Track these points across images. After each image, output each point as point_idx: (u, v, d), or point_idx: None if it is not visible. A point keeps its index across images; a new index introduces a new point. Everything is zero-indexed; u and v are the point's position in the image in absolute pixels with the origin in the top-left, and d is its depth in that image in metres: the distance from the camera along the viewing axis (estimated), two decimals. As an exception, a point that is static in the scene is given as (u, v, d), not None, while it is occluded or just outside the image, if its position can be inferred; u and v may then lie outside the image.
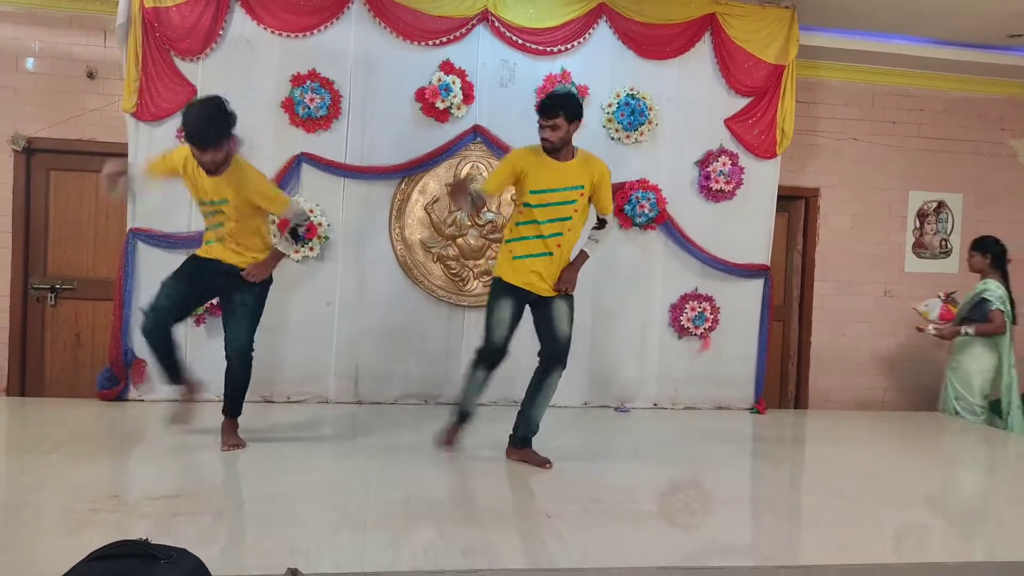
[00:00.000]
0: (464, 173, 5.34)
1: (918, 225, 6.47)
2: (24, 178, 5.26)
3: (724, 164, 5.56)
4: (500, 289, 3.97)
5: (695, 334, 5.64)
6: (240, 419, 4.13)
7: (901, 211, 6.43)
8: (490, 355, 3.99)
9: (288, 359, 5.14)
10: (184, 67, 4.95)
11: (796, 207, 6.37)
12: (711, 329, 5.66)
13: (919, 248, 6.47)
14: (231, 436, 4.05)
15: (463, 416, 4.12)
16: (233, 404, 4.10)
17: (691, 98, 5.54)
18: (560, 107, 3.81)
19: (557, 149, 3.87)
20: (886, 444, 5.00)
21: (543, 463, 3.92)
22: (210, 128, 3.62)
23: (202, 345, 5.04)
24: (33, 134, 5.21)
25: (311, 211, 5.08)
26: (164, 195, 4.97)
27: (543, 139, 3.85)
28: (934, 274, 6.47)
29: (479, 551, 2.72)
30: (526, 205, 3.88)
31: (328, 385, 5.23)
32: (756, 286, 5.72)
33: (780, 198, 5.80)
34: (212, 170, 3.76)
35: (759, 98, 5.59)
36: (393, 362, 5.31)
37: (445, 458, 4.00)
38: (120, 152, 5.01)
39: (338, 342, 5.23)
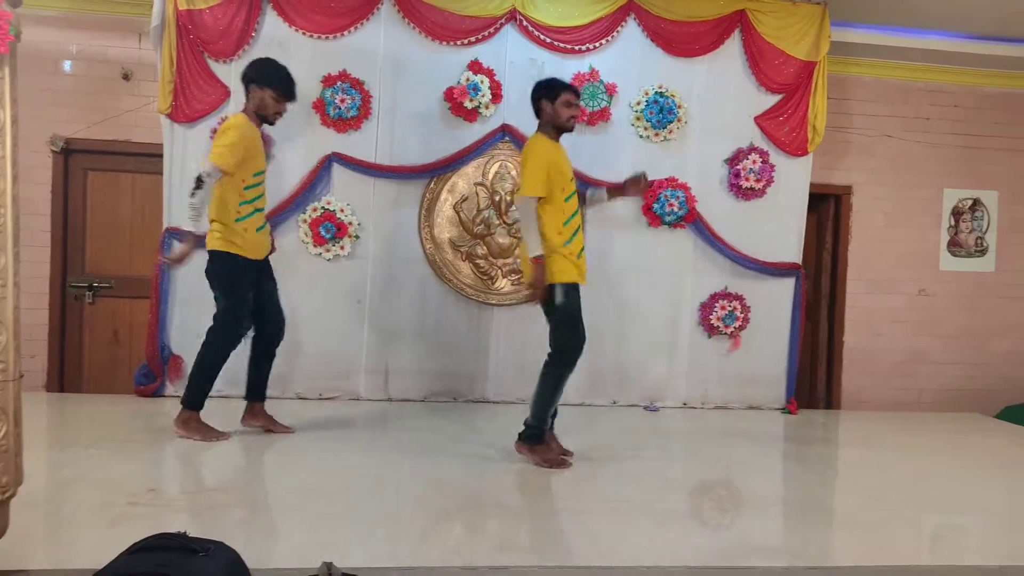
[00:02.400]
0: (493, 172, 5.36)
1: (953, 223, 6.37)
2: (62, 178, 5.37)
3: (754, 162, 5.52)
4: (576, 293, 3.86)
5: (725, 333, 5.61)
6: (277, 416, 4.31)
7: (935, 209, 6.34)
8: (580, 354, 3.88)
9: (320, 356, 5.20)
10: (217, 68, 5.02)
11: (827, 205, 6.30)
12: (741, 328, 5.63)
13: (954, 246, 6.37)
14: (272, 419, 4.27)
15: (550, 425, 3.98)
16: (265, 387, 4.29)
17: (720, 95, 5.51)
18: None
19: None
20: (921, 445, 4.93)
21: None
22: None
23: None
24: (71, 135, 5.32)
25: (342, 210, 5.15)
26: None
27: (573, 119, 3.90)
28: (970, 272, 6.37)
29: (510, 547, 2.74)
30: (568, 199, 3.83)
31: (359, 382, 5.28)
32: (787, 285, 5.67)
33: (811, 196, 5.74)
34: (273, 123, 4.18)
35: (790, 95, 5.54)
36: (422, 360, 5.35)
37: (476, 455, 4.02)
38: (156, 153, 5.10)
39: (369, 340, 5.28)
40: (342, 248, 5.20)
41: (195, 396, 4.04)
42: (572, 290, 3.82)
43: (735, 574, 2.68)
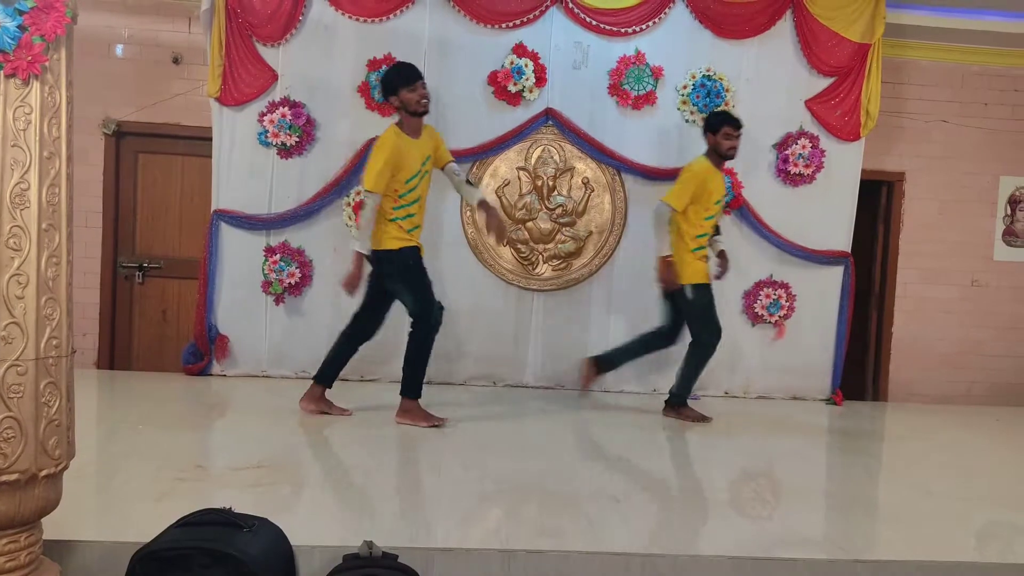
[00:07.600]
0: (535, 156, 5.33)
1: (1009, 212, 6.17)
2: (114, 161, 5.48)
3: (804, 147, 5.41)
4: (706, 290, 4.57)
5: (769, 322, 5.52)
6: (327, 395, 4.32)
7: (991, 197, 6.14)
8: (716, 339, 4.59)
9: (361, 339, 5.24)
10: (265, 52, 5.07)
11: (879, 192, 6.14)
12: (786, 317, 5.53)
13: (1009, 236, 6.17)
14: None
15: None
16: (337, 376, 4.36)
17: (770, 79, 5.40)
18: None
19: None
20: (971, 439, 4.81)
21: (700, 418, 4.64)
22: None
23: (281, 324, 5.21)
24: (122, 118, 5.42)
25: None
26: (247, 179, 5.13)
27: (733, 149, 4.51)
28: (1026, 263, 6.18)
29: (548, 532, 2.74)
30: (708, 219, 4.53)
31: (399, 365, 5.30)
32: (835, 273, 5.55)
33: (862, 182, 5.60)
34: (426, 111, 4.10)
35: (843, 78, 5.41)
36: (462, 344, 5.36)
37: (516, 440, 4.03)
38: (205, 136, 5.18)
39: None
40: (385, 231, 5.22)
41: (412, 385, 4.20)
42: (703, 288, 4.53)
43: (777, 565, 2.64)
